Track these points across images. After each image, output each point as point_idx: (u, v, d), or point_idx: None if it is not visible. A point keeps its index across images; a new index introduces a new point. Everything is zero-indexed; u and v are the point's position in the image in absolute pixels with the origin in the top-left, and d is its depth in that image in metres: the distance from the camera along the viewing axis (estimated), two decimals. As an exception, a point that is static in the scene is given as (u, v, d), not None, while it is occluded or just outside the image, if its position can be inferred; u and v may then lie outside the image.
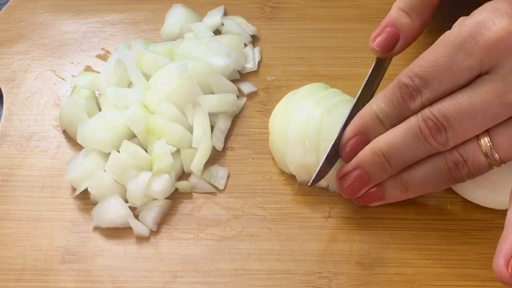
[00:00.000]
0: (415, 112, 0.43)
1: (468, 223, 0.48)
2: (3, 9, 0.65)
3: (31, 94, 0.59)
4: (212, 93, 0.55)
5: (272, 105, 0.54)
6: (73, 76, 0.60)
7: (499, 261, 0.40)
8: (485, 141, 0.42)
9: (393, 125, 0.45)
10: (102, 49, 0.62)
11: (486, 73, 0.41)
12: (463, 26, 0.42)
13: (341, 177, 0.47)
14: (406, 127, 0.44)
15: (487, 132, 0.42)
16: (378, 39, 0.48)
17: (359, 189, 0.47)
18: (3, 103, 0.58)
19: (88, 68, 0.60)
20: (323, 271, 0.46)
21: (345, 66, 0.58)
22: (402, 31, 0.48)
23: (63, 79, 0.60)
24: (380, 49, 0.48)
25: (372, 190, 0.47)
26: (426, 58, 0.43)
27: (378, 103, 0.45)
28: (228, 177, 0.52)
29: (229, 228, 0.49)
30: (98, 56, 0.61)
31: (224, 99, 0.54)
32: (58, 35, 0.63)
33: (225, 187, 0.51)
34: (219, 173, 0.52)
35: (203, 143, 0.51)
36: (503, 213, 0.47)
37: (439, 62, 0.42)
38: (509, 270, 0.39)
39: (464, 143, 0.43)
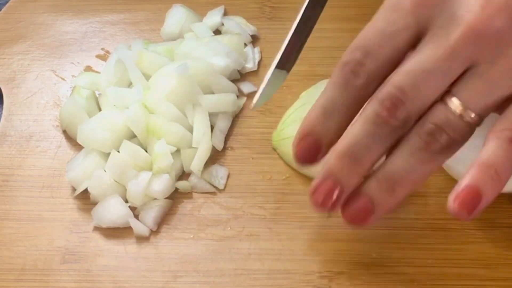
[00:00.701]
0: (362, 90, 0.40)
1: (468, 222, 0.47)
2: (3, 9, 0.66)
3: (31, 94, 0.59)
4: (212, 93, 0.55)
5: (272, 105, 0.54)
6: (73, 76, 0.60)
7: (450, 197, 0.39)
8: (452, 101, 0.39)
9: (343, 113, 0.41)
10: (102, 49, 0.62)
11: (425, 30, 0.39)
12: None
13: (313, 192, 0.41)
14: (363, 118, 0.40)
15: (449, 92, 0.39)
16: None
17: (335, 200, 0.41)
18: (3, 103, 0.58)
19: (88, 68, 0.60)
20: (323, 271, 0.46)
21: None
22: None
23: (63, 79, 0.60)
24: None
25: (359, 202, 0.40)
26: (366, 28, 0.41)
27: (324, 93, 0.41)
28: (228, 177, 0.52)
29: (229, 228, 0.49)
30: (98, 56, 0.61)
31: (224, 99, 0.54)
32: (58, 35, 0.63)
33: (225, 187, 0.51)
34: (219, 173, 0.52)
35: (203, 143, 0.51)
36: (503, 212, 0.48)
37: (376, 27, 0.40)
38: (455, 204, 0.38)
39: (430, 111, 0.39)
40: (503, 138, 0.39)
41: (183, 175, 0.52)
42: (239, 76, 0.58)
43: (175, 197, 0.51)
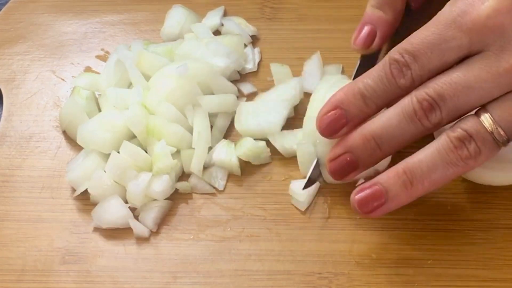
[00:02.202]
0: (403, 89, 0.43)
1: (468, 223, 0.47)
2: (3, 10, 0.65)
3: (31, 94, 0.59)
4: (212, 93, 0.55)
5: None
6: (73, 76, 0.60)
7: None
8: (485, 117, 0.42)
9: (377, 104, 0.44)
10: (102, 49, 0.62)
11: (477, 51, 0.42)
12: (453, 6, 0.43)
13: (331, 160, 0.45)
14: (400, 109, 0.43)
15: (484, 109, 0.42)
16: (358, 38, 0.52)
17: (348, 173, 0.45)
18: (3, 103, 0.58)
19: (88, 69, 0.60)
20: (323, 272, 0.46)
21: (345, 66, 0.58)
22: (377, 26, 0.51)
23: (63, 79, 0.60)
24: (361, 47, 0.51)
25: (373, 189, 0.43)
26: (417, 36, 0.43)
27: (363, 80, 0.44)
28: (228, 177, 0.52)
29: (229, 229, 0.49)
30: (98, 57, 0.61)
31: (224, 100, 0.54)
32: (58, 35, 0.63)
33: (225, 188, 0.51)
34: (219, 174, 0.52)
35: (202, 143, 0.51)
36: (503, 213, 0.48)
37: (428, 39, 0.42)
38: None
39: (463, 119, 0.42)
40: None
41: (183, 175, 0.52)
42: (239, 77, 0.58)
43: (175, 197, 0.51)
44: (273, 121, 0.52)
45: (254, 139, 0.52)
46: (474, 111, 0.43)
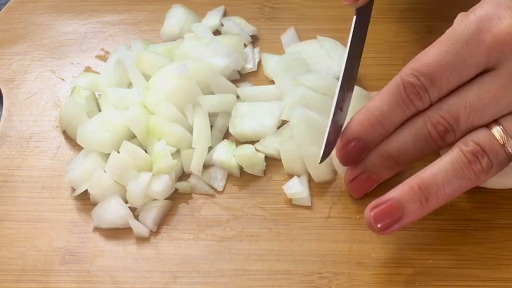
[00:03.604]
0: (420, 110, 0.43)
1: (468, 223, 0.47)
2: (3, 10, 0.65)
3: (31, 94, 0.59)
4: (212, 93, 0.55)
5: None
6: (73, 76, 0.60)
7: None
8: (498, 130, 0.42)
9: (394, 127, 0.44)
10: (102, 49, 0.62)
11: (492, 67, 0.42)
12: (467, 22, 0.42)
13: (350, 181, 0.47)
14: (415, 131, 0.43)
15: (496, 122, 0.42)
16: None
17: (368, 188, 0.47)
18: (3, 103, 0.58)
19: (88, 69, 0.60)
20: (323, 272, 0.46)
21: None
22: None
23: (63, 79, 0.60)
24: (351, 1, 0.50)
25: (389, 204, 0.42)
26: (431, 56, 0.42)
27: (378, 105, 0.44)
28: (228, 177, 0.52)
29: (229, 229, 0.49)
30: (98, 57, 0.61)
31: (224, 99, 0.54)
32: (58, 35, 0.63)
33: (224, 188, 0.51)
34: (218, 175, 0.51)
35: (201, 143, 0.51)
36: (502, 213, 0.48)
37: (446, 60, 0.41)
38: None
39: (475, 132, 0.42)
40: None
41: (183, 175, 0.52)
42: (238, 77, 0.58)
43: (175, 197, 0.51)
44: (268, 124, 0.52)
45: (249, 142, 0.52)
46: None
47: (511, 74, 0.41)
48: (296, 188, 0.49)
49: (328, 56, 0.56)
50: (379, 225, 0.42)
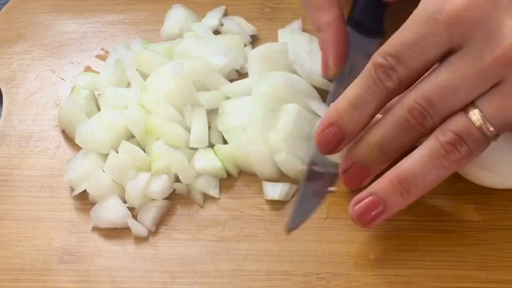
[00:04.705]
0: (392, 92, 0.43)
1: (466, 224, 0.47)
2: (3, 9, 0.66)
3: (30, 94, 0.59)
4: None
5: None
6: (73, 76, 0.60)
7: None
8: (474, 113, 0.41)
9: (369, 112, 0.44)
10: (102, 49, 0.62)
11: (458, 46, 0.41)
12: (428, 2, 0.42)
13: (343, 172, 0.46)
14: (394, 119, 0.43)
15: (473, 104, 0.42)
16: (322, 69, 0.53)
17: (362, 181, 0.46)
18: (3, 103, 0.58)
19: (88, 68, 0.60)
20: (322, 272, 0.46)
21: (345, 66, 0.58)
22: (328, 49, 0.52)
23: (62, 79, 0.60)
24: (326, 74, 0.53)
25: (370, 200, 0.43)
26: (396, 37, 0.43)
27: (352, 89, 0.44)
28: (228, 177, 0.52)
29: (227, 229, 0.49)
30: (98, 56, 0.61)
31: (221, 96, 0.54)
32: (58, 35, 0.63)
33: (220, 192, 0.51)
34: (211, 183, 0.51)
35: (201, 143, 0.51)
36: (502, 214, 0.48)
37: (408, 40, 0.42)
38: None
39: (452, 119, 0.42)
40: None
41: (182, 175, 0.52)
42: (237, 76, 0.58)
43: (174, 197, 0.51)
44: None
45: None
46: None
47: (477, 51, 0.41)
48: (275, 193, 0.49)
49: (309, 53, 0.57)
50: (362, 220, 0.44)
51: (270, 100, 0.51)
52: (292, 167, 0.50)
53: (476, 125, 0.41)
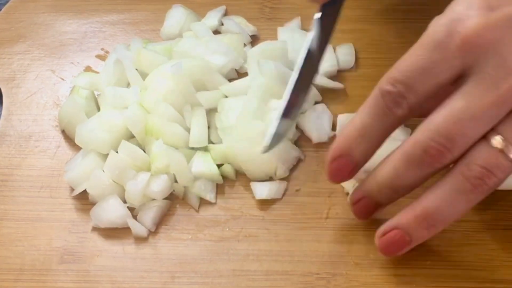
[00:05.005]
0: (402, 119, 0.42)
1: (467, 224, 0.47)
2: (3, 9, 0.66)
3: (30, 94, 0.59)
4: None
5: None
6: (73, 76, 0.60)
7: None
8: (497, 140, 0.40)
9: (378, 139, 0.43)
10: (102, 49, 0.62)
11: (470, 70, 0.40)
12: (438, 25, 0.41)
13: (353, 204, 0.46)
14: (406, 158, 0.41)
15: (494, 131, 0.40)
16: None
17: (371, 214, 0.46)
18: (3, 103, 0.58)
19: (88, 68, 0.60)
20: (321, 272, 0.46)
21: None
22: None
23: (62, 79, 0.60)
24: None
25: (395, 234, 0.43)
26: (404, 62, 0.41)
27: (360, 117, 0.43)
28: (226, 178, 0.52)
29: (227, 229, 0.49)
30: (98, 56, 0.61)
31: (221, 95, 0.53)
32: (58, 35, 0.63)
33: (216, 198, 0.51)
34: (208, 187, 0.51)
35: (200, 143, 0.51)
36: (502, 214, 0.47)
37: (418, 65, 0.41)
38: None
39: (475, 150, 0.40)
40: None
41: (182, 175, 0.52)
42: (237, 76, 0.57)
43: (174, 197, 0.51)
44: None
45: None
46: None
47: (492, 77, 0.39)
48: (263, 193, 0.49)
49: (297, 50, 0.56)
50: (389, 252, 0.44)
51: (266, 92, 0.51)
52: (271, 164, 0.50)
53: (501, 152, 0.40)
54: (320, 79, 0.55)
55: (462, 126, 0.40)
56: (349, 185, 0.49)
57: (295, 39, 0.58)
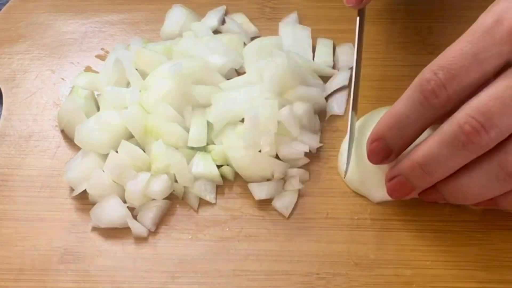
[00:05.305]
0: (439, 109, 0.41)
1: (467, 224, 0.47)
2: (3, 9, 0.66)
3: (30, 94, 0.59)
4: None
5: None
6: (73, 76, 0.60)
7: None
8: None
9: (415, 128, 0.43)
10: (102, 49, 0.62)
11: None
12: (487, 16, 0.40)
13: (388, 181, 0.46)
14: (440, 137, 0.41)
15: None
16: None
17: (405, 194, 0.45)
18: (3, 102, 0.58)
19: (88, 68, 0.60)
20: (321, 272, 0.46)
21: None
22: None
23: (62, 79, 0.60)
24: (354, 3, 0.52)
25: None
26: (452, 48, 0.40)
27: (397, 107, 0.43)
28: (227, 178, 0.52)
29: (227, 229, 0.49)
30: (98, 56, 0.61)
31: (217, 90, 0.53)
32: (58, 35, 0.63)
33: (218, 187, 0.51)
34: (208, 187, 0.51)
35: (199, 142, 0.51)
36: (502, 214, 0.47)
37: (465, 50, 0.40)
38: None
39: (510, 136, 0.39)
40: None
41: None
42: (236, 76, 0.57)
43: (174, 197, 0.51)
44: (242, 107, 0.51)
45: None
46: None
47: None
48: (261, 193, 0.49)
49: (299, 45, 0.58)
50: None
51: (276, 85, 0.51)
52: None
53: None
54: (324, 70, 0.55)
55: (502, 102, 0.38)
56: (343, 167, 0.49)
57: (297, 33, 0.58)
